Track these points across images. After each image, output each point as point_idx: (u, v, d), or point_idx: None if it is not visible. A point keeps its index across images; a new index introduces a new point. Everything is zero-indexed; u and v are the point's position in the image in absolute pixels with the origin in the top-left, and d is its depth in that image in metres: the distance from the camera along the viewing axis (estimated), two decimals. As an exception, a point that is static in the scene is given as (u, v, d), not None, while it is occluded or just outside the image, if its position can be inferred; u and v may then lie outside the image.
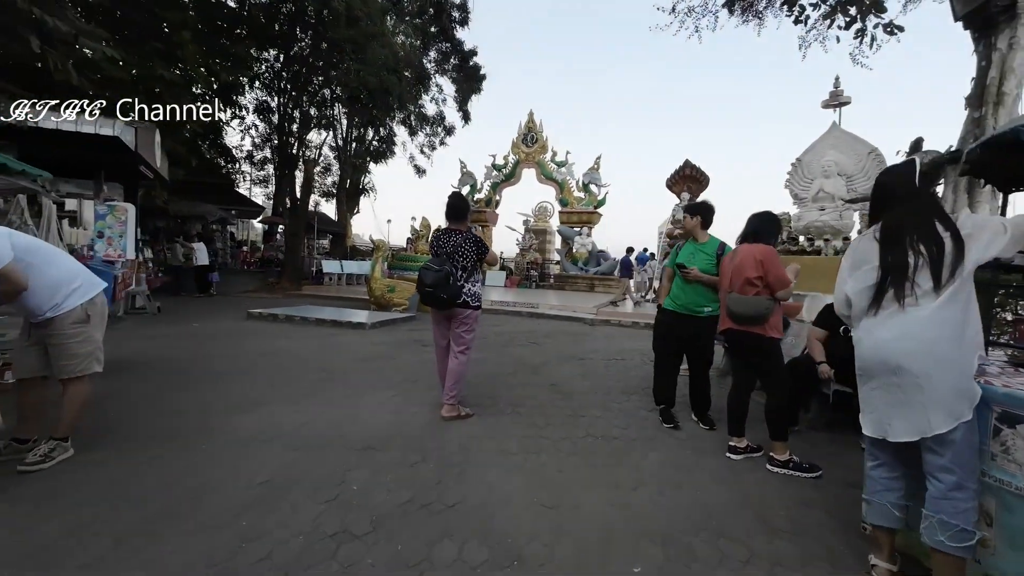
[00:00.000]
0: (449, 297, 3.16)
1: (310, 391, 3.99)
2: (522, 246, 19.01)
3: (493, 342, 6.75)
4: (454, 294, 3.18)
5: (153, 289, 11.85)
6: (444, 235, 3.36)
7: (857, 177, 10.57)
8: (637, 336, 8.07)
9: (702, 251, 3.42)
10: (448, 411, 3.36)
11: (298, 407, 3.54)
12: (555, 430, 3.29)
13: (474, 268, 3.33)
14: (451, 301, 3.20)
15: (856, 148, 10.60)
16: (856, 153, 10.61)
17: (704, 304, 3.36)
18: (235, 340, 6.14)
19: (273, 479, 2.39)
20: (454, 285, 3.17)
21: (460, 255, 3.26)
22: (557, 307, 11.16)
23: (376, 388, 4.16)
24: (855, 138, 10.62)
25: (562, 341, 7.14)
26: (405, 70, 13.67)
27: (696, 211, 3.47)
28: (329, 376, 4.50)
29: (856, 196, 5.25)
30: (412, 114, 19.26)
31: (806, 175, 11.19)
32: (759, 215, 2.97)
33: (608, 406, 3.89)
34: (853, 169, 10.64)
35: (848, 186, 10.61)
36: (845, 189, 10.65)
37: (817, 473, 2.65)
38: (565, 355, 6.00)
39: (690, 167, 14.51)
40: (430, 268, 3.17)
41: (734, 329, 2.82)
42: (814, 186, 10.99)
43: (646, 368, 5.35)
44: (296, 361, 5.06)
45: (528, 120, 18.85)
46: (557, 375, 4.90)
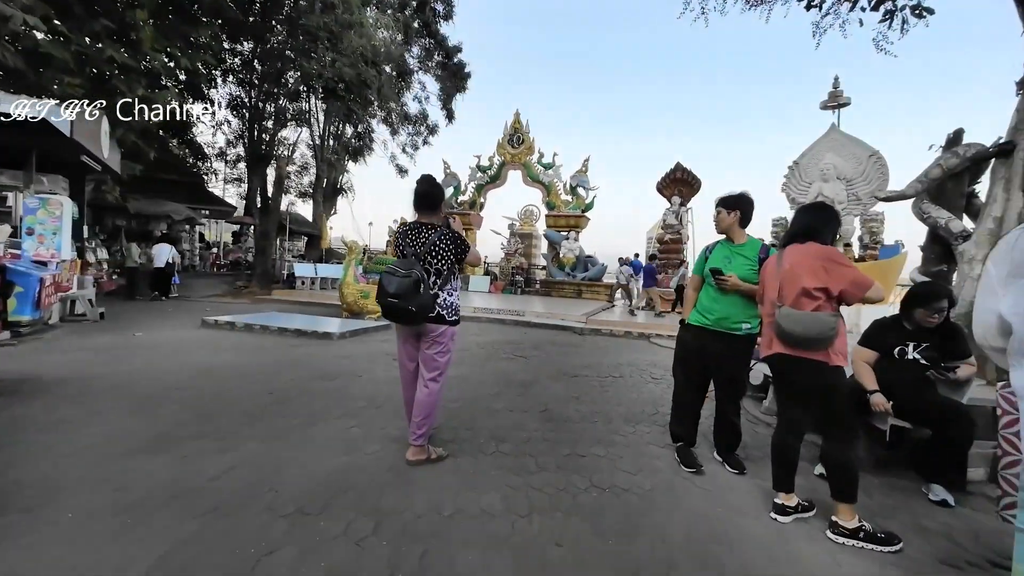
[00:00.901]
0: (418, 310, 2.47)
1: (248, 422, 3.24)
2: (507, 250, 18.39)
3: (475, 354, 6.05)
4: (425, 305, 2.49)
5: (106, 292, 10.95)
6: (412, 231, 2.66)
7: (857, 181, 10.18)
8: (631, 348, 7.46)
9: (740, 254, 2.79)
10: (414, 454, 2.66)
11: (224, 445, 2.80)
12: (550, 477, 2.61)
13: (451, 272, 2.65)
14: (421, 315, 2.51)
15: (856, 151, 10.20)
16: (856, 156, 10.22)
17: (743, 319, 2.73)
18: (177, 353, 5.33)
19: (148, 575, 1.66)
20: (425, 294, 2.47)
21: (433, 256, 2.57)
22: (544, 315, 10.51)
23: (331, 416, 3.43)
24: (855, 141, 10.22)
25: (551, 354, 6.47)
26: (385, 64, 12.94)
27: (734, 205, 2.83)
28: (278, 400, 3.76)
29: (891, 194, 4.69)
30: (394, 112, 18.54)
31: (804, 178, 10.77)
32: (814, 208, 2.34)
33: (611, 440, 3.23)
34: (853, 173, 10.25)
35: (848, 190, 10.22)
36: (845, 193, 10.25)
37: (897, 546, 2.02)
38: (555, 371, 5.34)
39: (681, 170, 14.08)
40: (395, 273, 2.47)
41: (786, 355, 2.18)
42: (812, 190, 10.56)
43: (647, 388, 4.71)
44: (243, 380, 4.29)
45: (514, 120, 18.24)
46: (548, 397, 4.22)
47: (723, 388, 2.88)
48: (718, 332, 2.78)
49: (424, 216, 2.66)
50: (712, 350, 2.81)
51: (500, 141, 18.27)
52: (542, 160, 17.79)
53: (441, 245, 2.56)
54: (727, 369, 2.82)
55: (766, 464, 2.45)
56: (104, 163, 8.50)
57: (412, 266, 2.47)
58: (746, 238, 2.87)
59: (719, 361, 2.81)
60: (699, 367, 2.92)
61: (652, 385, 4.89)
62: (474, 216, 18.50)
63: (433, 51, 17.32)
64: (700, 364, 2.90)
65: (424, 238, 2.58)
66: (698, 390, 2.97)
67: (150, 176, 16.54)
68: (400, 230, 2.69)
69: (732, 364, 2.80)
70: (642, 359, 6.42)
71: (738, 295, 2.73)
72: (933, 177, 4.02)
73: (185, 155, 19.13)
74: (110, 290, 11.06)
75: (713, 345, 2.79)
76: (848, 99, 10.39)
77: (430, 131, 18.91)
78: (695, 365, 2.92)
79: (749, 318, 2.74)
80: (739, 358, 2.81)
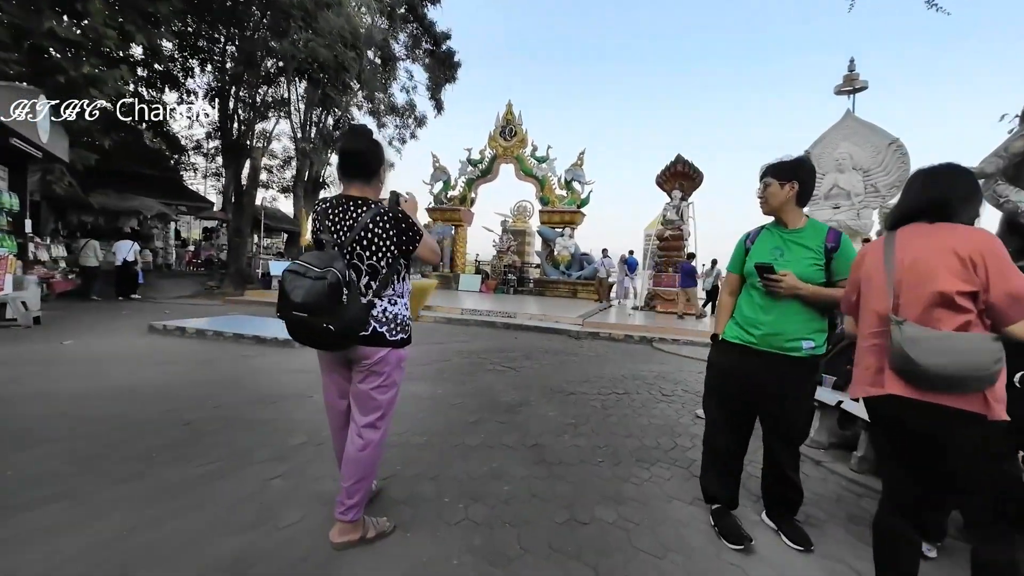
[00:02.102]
0: (341, 328, 1.65)
1: (135, 472, 2.41)
2: (499, 248, 17.59)
3: (456, 367, 5.24)
4: (352, 321, 1.67)
5: (58, 294, 10.02)
6: (336, 209, 1.80)
7: (875, 171, 9.40)
8: (633, 355, 6.67)
9: (798, 243, 2.00)
10: (342, 533, 1.83)
11: (80, 512, 1.98)
12: (538, 567, 1.81)
13: (395, 271, 1.83)
14: (345, 335, 1.69)
15: (873, 139, 9.41)
16: (873, 145, 9.43)
17: (803, 335, 1.93)
18: (101, 368, 4.47)
19: None
20: (352, 304, 1.66)
21: (366, 246, 1.75)
22: (538, 317, 9.71)
23: (253, 460, 2.60)
24: (872, 128, 9.44)
25: (544, 363, 5.67)
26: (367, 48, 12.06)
27: (790, 173, 2.02)
28: (192, 435, 2.93)
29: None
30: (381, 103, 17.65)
31: (817, 169, 10.04)
32: (946, 173, 1.51)
33: (621, 494, 2.42)
34: (870, 163, 9.46)
35: (865, 181, 9.46)
36: (862, 184, 9.48)
37: None
38: (549, 386, 4.53)
39: (682, 163, 13.30)
40: (303, 272, 1.65)
41: (911, 401, 1.38)
42: (826, 182, 9.80)
43: (658, 409, 3.91)
44: (162, 405, 3.45)
45: (506, 112, 17.44)
46: (539, 425, 3.41)
47: (775, 431, 2.08)
48: (767, 353, 1.98)
49: (354, 187, 1.82)
50: (759, 379, 2.01)
51: (492, 133, 17.46)
52: (536, 153, 17.00)
53: (377, 231, 1.73)
54: (781, 406, 2.01)
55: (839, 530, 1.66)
56: (44, 149, 7.61)
57: (331, 262, 1.65)
58: (805, 220, 2.07)
59: (769, 394, 2.01)
60: (740, 402, 2.11)
61: (664, 405, 4.10)
62: (464, 212, 17.69)
63: (420, 38, 16.43)
64: (741, 398, 2.10)
65: (352, 220, 1.75)
66: (739, 433, 2.17)
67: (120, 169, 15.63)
68: (319, 208, 1.86)
69: (788, 399, 1.99)
70: (647, 370, 5.63)
71: (796, 301, 1.94)
72: (1015, 152, 3.26)
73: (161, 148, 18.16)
74: (63, 291, 10.13)
75: (760, 371, 2.00)
76: (865, 83, 9.62)
77: (418, 123, 18.03)
78: (735, 399, 2.12)
79: (812, 333, 1.95)
80: (798, 390, 2.01)
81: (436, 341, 6.95)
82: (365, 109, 17.71)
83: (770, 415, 2.06)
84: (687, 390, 4.70)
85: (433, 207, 17.83)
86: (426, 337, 7.25)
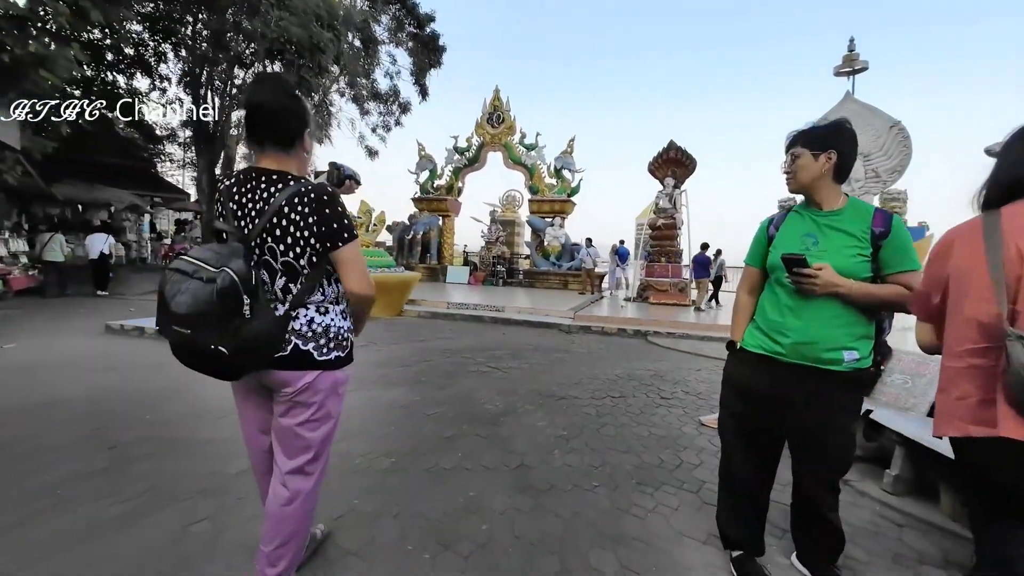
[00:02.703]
0: (237, 351, 1.20)
1: (31, 513, 1.97)
2: (488, 238, 17.09)
3: (437, 368, 4.81)
4: (255, 340, 1.23)
5: (16, 291, 9.41)
6: (244, 186, 1.34)
7: (876, 155, 9.04)
8: (627, 350, 6.29)
9: (836, 228, 1.58)
10: (262, 612, 1.41)
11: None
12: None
13: (323, 270, 1.37)
14: (246, 360, 1.26)
15: (874, 122, 9.03)
16: (874, 128, 9.05)
17: (844, 343, 1.53)
18: (36, 376, 3.98)
19: None
20: (259, 318, 1.23)
21: (281, 237, 1.30)
22: (527, 310, 9.30)
23: (178, 496, 2.17)
24: (873, 110, 9.05)
25: (534, 363, 5.26)
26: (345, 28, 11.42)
27: (826, 141, 1.59)
28: (113, 463, 2.48)
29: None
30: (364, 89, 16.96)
31: (815, 154, 9.65)
32: None
33: (621, 532, 2.02)
34: (871, 146, 9.09)
35: (866, 166, 9.13)
36: (863, 170, 9.14)
37: None
38: (538, 391, 4.13)
39: (675, 149, 12.88)
40: (187, 272, 1.19)
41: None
42: (825, 167, 9.48)
43: (658, 415, 3.53)
44: (90, 423, 2.99)
45: (493, 98, 16.88)
46: (525, 440, 3.01)
47: (809, 463, 1.67)
48: (798, 367, 1.57)
49: (268, 158, 1.37)
50: (788, 398, 1.61)
51: (479, 120, 16.90)
52: (524, 141, 16.49)
53: (294, 216, 1.28)
54: (816, 432, 1.61)
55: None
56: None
57: (228, 259, 1.20)
58: (844, 200, 1.65)
59: (801, 417, 1.61)
60: (764, 426, 1.71)
61: (664, 411, 3.72)
62: (451, 202, 17.16)
63: (403, 20, 15.73)
64: (765, 421, 1.70)
65: (263, 202, 1.31)
66: (763, 464, 1.76)
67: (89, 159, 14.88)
68: (223, 186, 1.41)
69: (825, 423, 1.59)
70: (643, 368, 5.25)
71: (835, 301, 1.53)
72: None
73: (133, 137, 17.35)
74: (23, 288, 9.51)
75: (789, 389, 1.59)
76: (865, 63, 9.22)
77: (402, 109, 17.34)
78: (757, 422, 1.71)
79: (855, 341, 1.54)
80: (838, 412, 1.60)
81: (418, 339, 6.51)
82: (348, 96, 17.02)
83: (802, 443, 1.65)
84: (687, 391, 4.32)
85: (419, 197, 17.28)
86: (407, 334, 6.81)
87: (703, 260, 10.99)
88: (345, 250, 1.31)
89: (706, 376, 4.99)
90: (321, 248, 1.30)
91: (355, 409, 3.43)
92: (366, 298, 1.40)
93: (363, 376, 4.33)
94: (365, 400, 3.65)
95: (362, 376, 4.32)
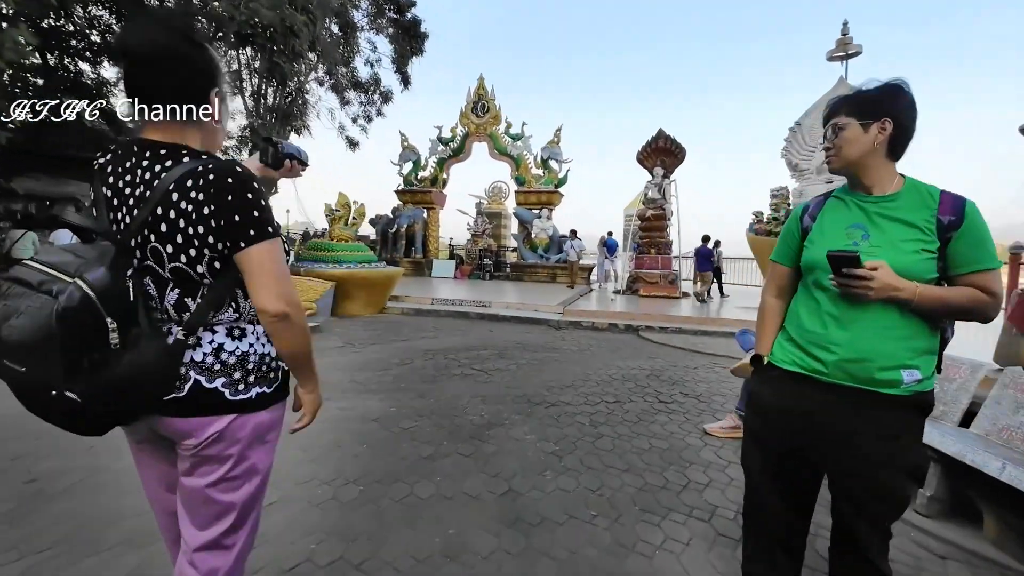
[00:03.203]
0: (90, 397, 0.85)
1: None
2: (474, 231, 16.72)
3: (418, 371, 4.47)
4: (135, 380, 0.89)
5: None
6: (123, 163, 0.98)
7: (870, 143, 8.92)
8: (620, 347, 6.01)
9: (892, 217, 1.26)
10: None
11: None
12: None
13: (233, 279, 1.00)
14: (126, 405, 0.92)
15: (868, 108, 8.94)
16: (868, 114, 8.96)
17: (900, 360, 1.21)
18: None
19: None
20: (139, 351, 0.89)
21: (168, 233, 0.93)
22: (515, 305, 8.98)
23: (98, 548, 1.81)
24: (867, 96, 8.94)
25: (522, 363, 4.95)
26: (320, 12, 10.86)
27: (878, 107, 1.26)
28: (29, 502, 2.11)
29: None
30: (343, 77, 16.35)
31: (808, 142, 9.36)
32: None
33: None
34: (865, 133, 8.98)
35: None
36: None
37: None
38: (526, 395, 3.81)
39: (664, 138, 12.60)
40: (27, 283, 0.83)
41: None
42: (818, 155, 9.14)
43: (657, 423, 3.24)
44: (6, 450, 2.60)
45: (478, 86, 16.40)
46: (513, 457, 2.69)
47: (855, 503, 1.35)
48: (845, 389, 1.26)
49: (156, 127, 0.99)
50: (831, 426, 1.30)
51: (463, 110, 16.42)
52: (510, 130, 16.06)
53: (185, 205, 0.92)
54: (866, 468, 1.30)
55: None
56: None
57: (87, 266, 0.85)
58: (900, 182, 1.33)
59: (848, 450, 1.30)
60: (799, 458, 1.40)
61: (663, 417, 3.43)
62: (436, 194, 16.72)
63: (383, 5, 15.13)
64: (801, 453, 1.39)
65: (146, 184, 0.95)
66: (797, 505, 1.46)
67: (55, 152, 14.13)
68: (98, 164, 1.05)
69: (878, 457, 1.28)
70: (637, 367, 4.97)
71: (892, 309, 1.22)
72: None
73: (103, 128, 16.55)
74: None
75: (833, 415, 1.28)
76: (859, 47, 9.00)
77: (384, 99, 16.77)
78: (791, 454, 1.41)
79: (916, 358, 1.23)
80: (893, 443, 1.29)
81: (400, 338, 6.16)
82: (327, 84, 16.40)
83: (847, 481, 1.34)
84: (686, 393, 4.05)
85: (403, 189, 16.80)
86: (388, 333, 6.44)
87: (706, 252, 10.80)
88: (253, 252, 0.95)
89: (704, 375, 4.73)
90: (224, 249, 0.95)
91: (325, 424, 3.08)
92: (285, 320, 0.98)
93: (336, 383, 3.97)
94: (336, 413, 3.30)
95: (335, 383, 3.96)
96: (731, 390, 4.14)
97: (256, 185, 0.97)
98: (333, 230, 8.88)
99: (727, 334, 6.88)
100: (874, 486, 1.30)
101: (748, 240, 9.93)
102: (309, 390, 1.14)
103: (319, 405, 1.17)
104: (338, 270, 7.99)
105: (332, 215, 8.88)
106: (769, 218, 9.44)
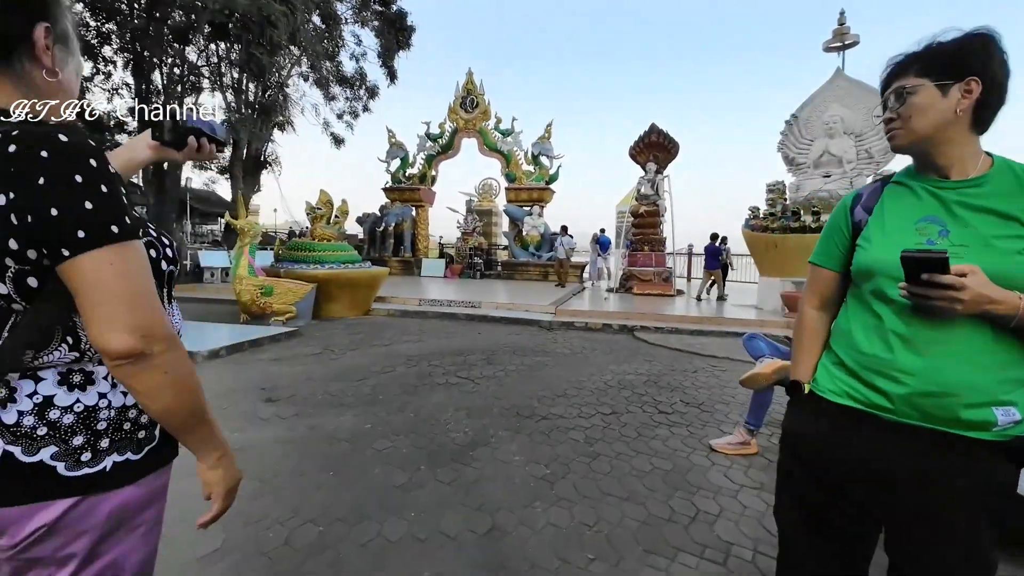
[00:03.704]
0: None
1: None
2: (464, 229, 16.40)
3: (398, 380, 4.15)
4: None
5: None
6: None
7: (868, 135, 8.52)
8: (615, 349, 5.72)
9: (980, 208, 0.96)
10: None
11: None
12: None
13: (58, 302, 0.67)
14: None
15: (866, 100, 8.50)
16: (866, 107, 8.51)
17: (993, 394, 0.91)
18: None
19: None
20: None
21: None
22: (505, 305, 8.68)
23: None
24: (865, 87, 8.55)
25: (511, 370, 4.65)
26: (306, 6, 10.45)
27: (960, 66, 0.95)
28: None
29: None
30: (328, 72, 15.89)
31: (804, 135, 9.11)
32: None
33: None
34: (863, 126, 8.57)
35: (858, 146, 8.65)
36: (854, 151, 8.65)
37: None
38: (515, 407, 3.51)
39: (657, 133, 12.35)
40: None
41: None
42: (816, 148, 8.93)
43: (658, 438, 2.95)
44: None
45: (467, 81, 16.06)
46: (498, 486, 2.39)
47: (926, 571, 1.07)
48: (918, 431, 0.96)
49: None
50: (894, 475, 1.01)
51: (452, 105, 16.09)
52: (500, 126, 15.75)
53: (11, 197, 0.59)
54: (942, 528, 1.01)
55: None
56: None
57: None
58: (987, 163, 1.01)
59: (917, 506, 1.00)
60: (850, 514, 1.11)
61: (664, 431, 3.14)
62: (425, 192, 16.35)
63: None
64: (853, 508, 1.10)
65: None
66: (844, 566, 1.17)
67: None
68: None
69: (959, 516, 0.99)
70: (633, 372, 4.69)
71: (985, 327, 0.92)
72: None
73: (76, 125, 15.98)
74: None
75: (898, 462, 0.99)
76: (856, 37, 8.78)
77: (370, 94, 16.32)
78: (839, 508, 1.11)
79: (1016, 390, 0.93)
80: (976, 500, 1.00)
81: (382, 342, 5.83)
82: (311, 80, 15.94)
83: (915, 544, 1.05)
84: (687, 402, 3.77)
85: (391, 187, 16.42)
86: (370, 337, 6.11)
87: (714, 250, 10.59)
88: (84, 263, 0.63)
89: (704, 380, 4.45)
90: (38, 258, 0.63)
91: (289, 446, 2.76)
92: (139, 363, 0.66)
93: (307, 396, 3.64)
94: (303, 432, 2.97)
95: (306, 396, 3.64)
96: (735, 397, 3.87)
97: (95, 164, 0.65)
98: (315, 229, 8.50)
99: (725, 334, 6.64)
100: (948, 551, 1.01)
101: (744, 236, 9.69)
102: (210, 464, 0.80)
103: (234, 482, 0.83)
104: (320, 271, 7.64)
105: (314, 213, 8.51)
106: (765, 213, 9.20)
